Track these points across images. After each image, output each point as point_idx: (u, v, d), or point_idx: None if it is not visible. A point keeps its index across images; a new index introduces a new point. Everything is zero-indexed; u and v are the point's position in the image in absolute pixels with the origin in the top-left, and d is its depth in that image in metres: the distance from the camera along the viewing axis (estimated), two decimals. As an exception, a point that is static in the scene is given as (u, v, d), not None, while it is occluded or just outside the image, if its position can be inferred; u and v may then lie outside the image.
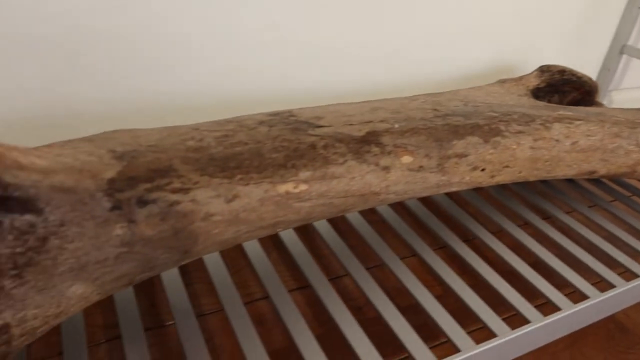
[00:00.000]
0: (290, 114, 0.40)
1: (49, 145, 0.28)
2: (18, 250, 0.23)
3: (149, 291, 0.46)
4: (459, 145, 0.42)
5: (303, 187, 0.34)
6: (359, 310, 0.47)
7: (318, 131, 0.38)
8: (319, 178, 0.35)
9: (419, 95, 0.49)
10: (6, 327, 0.25)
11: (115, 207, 0.26)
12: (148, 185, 0.28)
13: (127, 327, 0.34)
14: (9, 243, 0.23)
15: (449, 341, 0.38)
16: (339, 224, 0.55)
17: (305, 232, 0.54)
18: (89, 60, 0.44)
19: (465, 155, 0.43)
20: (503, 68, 0.71)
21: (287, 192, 0.34)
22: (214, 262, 0.42)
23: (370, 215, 0.54)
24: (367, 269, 0.50)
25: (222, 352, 0.41)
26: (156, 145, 0.30)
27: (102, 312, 0.43)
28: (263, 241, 0.52)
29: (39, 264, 0.24)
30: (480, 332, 0.46)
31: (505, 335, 0.38)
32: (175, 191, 0.29)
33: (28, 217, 0.23)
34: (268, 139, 0.35)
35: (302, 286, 0.48)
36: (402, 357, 0.43)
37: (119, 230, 0.26)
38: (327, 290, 0.40)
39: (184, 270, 0.48)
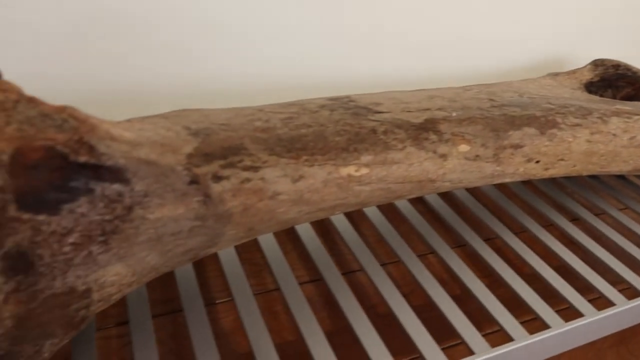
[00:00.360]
0: (349, 99, 0.40)
1: (129, 121, 0.29)
2: (107, 217, 0.24)
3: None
4: (515, 136, 0.42)
5: (364, 170, 0.35)
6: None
7: (377, 117, 0.38)
8: (379, 163, 0.35)
9: (472, 85, 0.49)
10: (88, 292, 0.27)
11: (193, 181, 0.27)
12: (222, 162, 0.29)
13: (187, 302, 0.35)
14: (100, 210, 0.24)
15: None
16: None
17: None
18: (158, 39, 0.46)
19: (521, 147, 0.42)
20: (551, 62, 0.70)
21: (349, 175, 0.34)
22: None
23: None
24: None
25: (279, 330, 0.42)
26: (227, 125, 0.31)
27: (157, 286, 0.45)
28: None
29: (123, 232, 0.25)
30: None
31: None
32: (246, 169, 0.29)
33: (117, 187, 0.24)
34: (330, 123, 0.35)
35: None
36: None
37: (195, 204, 0.27)
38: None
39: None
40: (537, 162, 0.44)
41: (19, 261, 0.22)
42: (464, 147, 0.40)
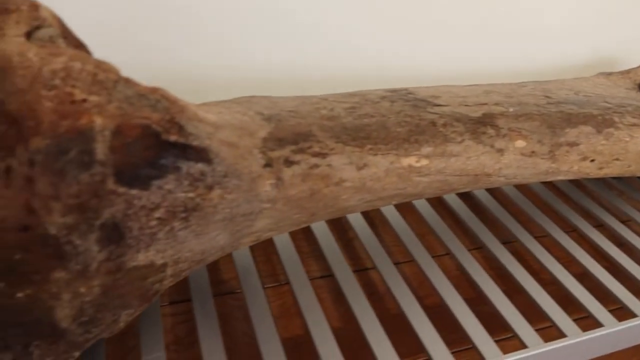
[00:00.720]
0: (407, 91, 0.40)
1: (205, 104, 0.30)
2: (190, 195, 0.25)
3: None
4: (571, 134, 0.42)
5: (424, 162, 0.35)
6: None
7: (437, 109, 0.38)
8: (439, 155, 0.36)
9: (526, 82, 0.49)
10: (164, 267, 0.28)
11: (267, 164, 0.28)
12: (293, 147, 0.30)
13: (246, 283, 0.37)
14: (184, 188, 0.25)
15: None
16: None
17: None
18: (216, 29, 0.47)
19: (577, 145, 0.42)
20: (601, 61, 0.69)
21: (410, 166, 0.35)
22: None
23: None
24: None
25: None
26: (295, 112, 0.32)
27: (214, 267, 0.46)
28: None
29: (202, 210, 0.26)
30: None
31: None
32: (315, 155, 0.30)
33: (200, 166, 0.25)
34: (392, 114, 0.36)
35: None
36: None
37: (267, 186, 0.28)
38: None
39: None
40: (592, 160, 0.44)
41: (113, 232, 0.23)
42: (520, 143, 0.40)
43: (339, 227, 0.52)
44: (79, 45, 0.26)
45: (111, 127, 0.22)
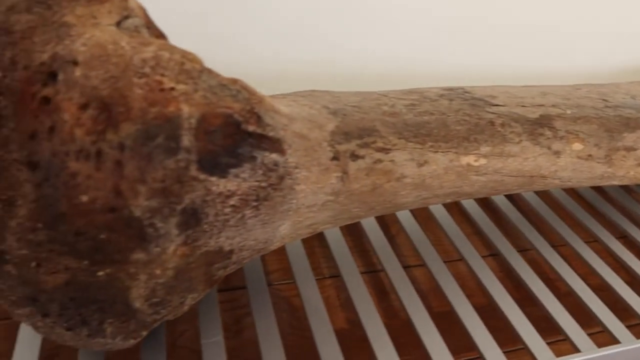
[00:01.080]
0: (464, 90, 0.40)
1: (273, 97, 0.30)
2: (262, 184, 0.26)
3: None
4: (629, 138, 0.41)
5: (482, 161, 0.35)
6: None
7: (494, 109, 0.38)
8: (497, 154, 0.36)
9: (581, 84, 0.48)
10: (230, 253, 0.29)
11: (335, 157, 0.29)
12: (359, 142, 0.30)
13: (299, 274, 0.37)
14: (258, 177, 0.26)
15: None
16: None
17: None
18: (278, 21, 0.48)
19: (634, 149, 0.42)
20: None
21: (468, 164, 0.35)
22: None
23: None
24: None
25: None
26: (358, 107, 0.33)
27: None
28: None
29: (272, 200, 0.27)
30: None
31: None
32: (378, 150, 0.31)
33: (274, 156, 0.26)
34: (451, 112, 0.36)
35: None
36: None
37: (334, 179, 0.29)
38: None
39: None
40: (649, 166, 0.43)
41: (191, 217, 0.24)
42: (577, 146, 0.39)
43: (384, 223, 0.53)
44: (160, 35, 0.27)
45: (197, 116, 0.23)
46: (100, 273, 0.24)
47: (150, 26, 0.26)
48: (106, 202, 0.22)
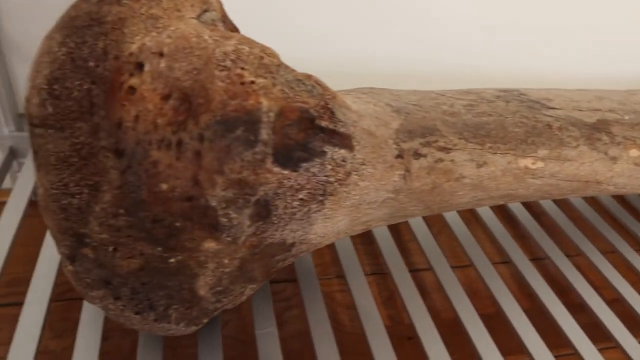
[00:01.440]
0: (519, 92, 0.40)
1: (339, 92, 0.31)
2: (330, 179, 0.26)
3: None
4: (686, 146, 0.40)
5: (540, 164, 0.35)
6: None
7: (551, 112, 0.38)
8: (554, 158, 0.35)
9: (636, 89, 0.47)
10: (291, 246, 0.29)
11: (399, 155, 0.29)
12: (421, 140, 0.30)
13: (348, 268, 0.38)
14: (326, 172, 0.26)
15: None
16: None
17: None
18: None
19: (692, 158, 0.41)
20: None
21: (526, 167, 0.34)
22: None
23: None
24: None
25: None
26: (419, 106, 0.33)
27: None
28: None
29: (337, 195, 0.27)
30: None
31: None
32: (440, 149, 0.31)
33: (343, 152, 0.26)
34: (508, 114, 0.36)
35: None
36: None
37: (396, 177, 0.29)
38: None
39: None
40: None
41: (263, 209, 0.25)
42: (634, 152, 0.39)
43: (432, 221, 0.53)
44: (234, 29, 0.27)
45: (275, 110, 0.23)
46: (172, 260, 0.25)
47: (226, 20, 0.27)
48: (184, 190, 0.23)
